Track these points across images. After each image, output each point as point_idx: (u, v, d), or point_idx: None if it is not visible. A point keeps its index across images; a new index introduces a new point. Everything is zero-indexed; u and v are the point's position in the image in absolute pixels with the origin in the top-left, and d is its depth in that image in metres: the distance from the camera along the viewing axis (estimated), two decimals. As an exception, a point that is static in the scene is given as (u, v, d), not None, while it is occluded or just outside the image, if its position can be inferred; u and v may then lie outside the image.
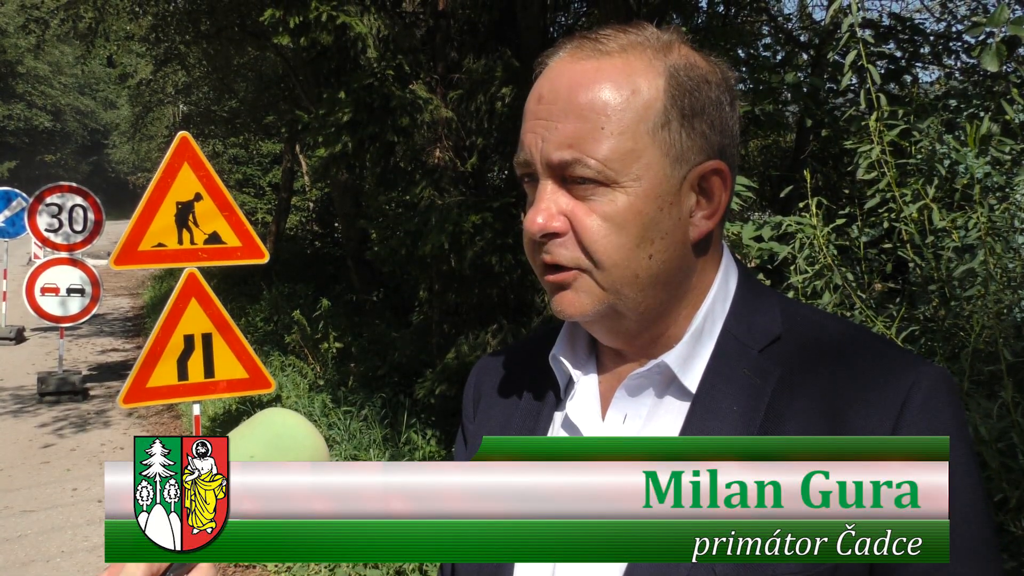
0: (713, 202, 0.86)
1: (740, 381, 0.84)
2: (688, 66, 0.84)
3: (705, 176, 0.85)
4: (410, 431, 6.12)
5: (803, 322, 0.88)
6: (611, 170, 0.80)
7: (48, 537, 5.15)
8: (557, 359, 0.94)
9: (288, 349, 8.92)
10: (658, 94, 0.82)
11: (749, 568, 0.76)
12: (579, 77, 0.82)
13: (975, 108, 3.17)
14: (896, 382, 0.80)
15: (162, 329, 4.99)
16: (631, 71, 0.82)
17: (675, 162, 0.83)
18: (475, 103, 6.19)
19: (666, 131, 0.82)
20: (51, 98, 49.15)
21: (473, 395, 1.08)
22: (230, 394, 5.28)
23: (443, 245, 5.57)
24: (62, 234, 8.74)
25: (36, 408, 8.41)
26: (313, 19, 5.92)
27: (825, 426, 0.79)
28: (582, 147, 0.80)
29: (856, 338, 0.86)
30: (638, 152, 0.81)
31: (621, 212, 0.81)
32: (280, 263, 13.30)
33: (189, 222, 5.03)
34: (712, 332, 0.88)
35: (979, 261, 2.33)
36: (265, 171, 18.94)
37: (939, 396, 0.79)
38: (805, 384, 0.82)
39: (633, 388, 0.88)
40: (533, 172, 0.85)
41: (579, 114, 0.81)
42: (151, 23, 12.25)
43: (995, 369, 2.18)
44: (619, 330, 0.88)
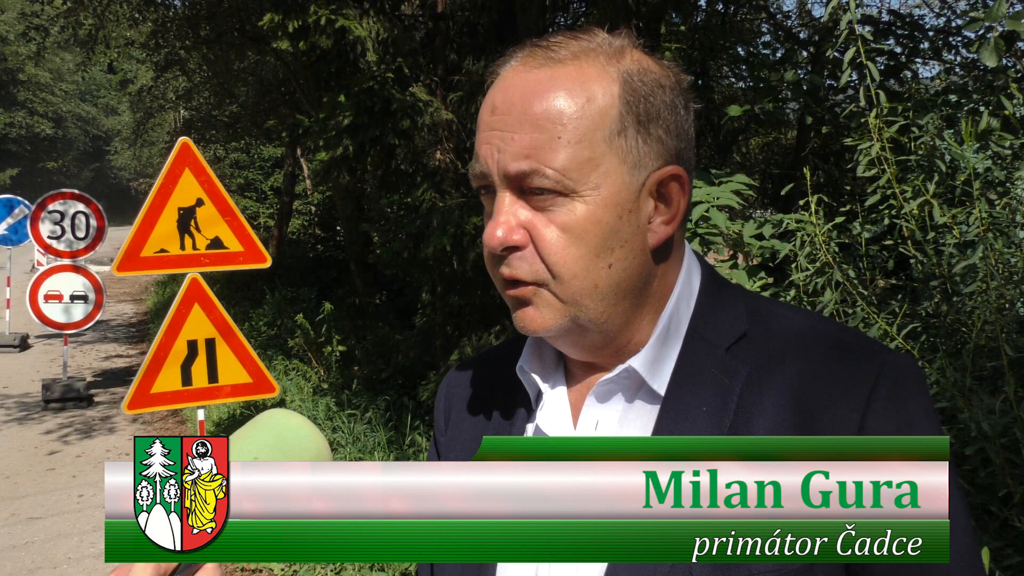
0: (672, 207, 0.85)
1: (708, 381, 0.84)
2: (641, 71, 0.84)
3: (663, 182, 0.84)
4: (415, 433, 6.13)
5: (768, 317, 0.88)
6: (569, 179, 0.80)
7: (55, 544, 5.16)
8: (524, 371, 0.93)
9: (292, 353, 8.92)
10: (613, 100, 0.81)
11: (727, 570, 0.76)
12: (532, 86, 0.81)
13: (975, 103, 3.17)
14: (861, 374, 0.79)
15: (165, 335, 5.00)
16: (585, 78, 0.81)
17: (633, 169, 0.82)
18: (475, 105, 6.18)
19: (623, 138, 0.81)
20: (52, 105, 49.25)
21: (444, 407, 1.07)
22: (234, 399, 5.29)
23: (445, 247, 5.57)
24: (65, 241, 8.75)
25: (41, 415, 8.43)
26: (312, 23, 5.93)
27: (795, 421, 0.79)
28: (539, 157, 0.79)
29: (821, 331, 0.86)
30: (596, 160, 0.80)
31: (580, 222, 0.80)
32: (283, 267, 13.33)
33: (191, 227, 5.04)
34: (678, 332, 0.88)
35: (979, 256, 2.33)
36: (267, 175, 18.97)
37: (905, 385, 0.79)
38: (773, 380, 0.82)
39: (602, 394, 0.88)
40: (490, 184, 0.84)
41: (535, 124, 0.80)
42: (151, 29, 12.27)
43: (997, 365, 2.18)
44: (584, 344, 0.88)
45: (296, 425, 0.82)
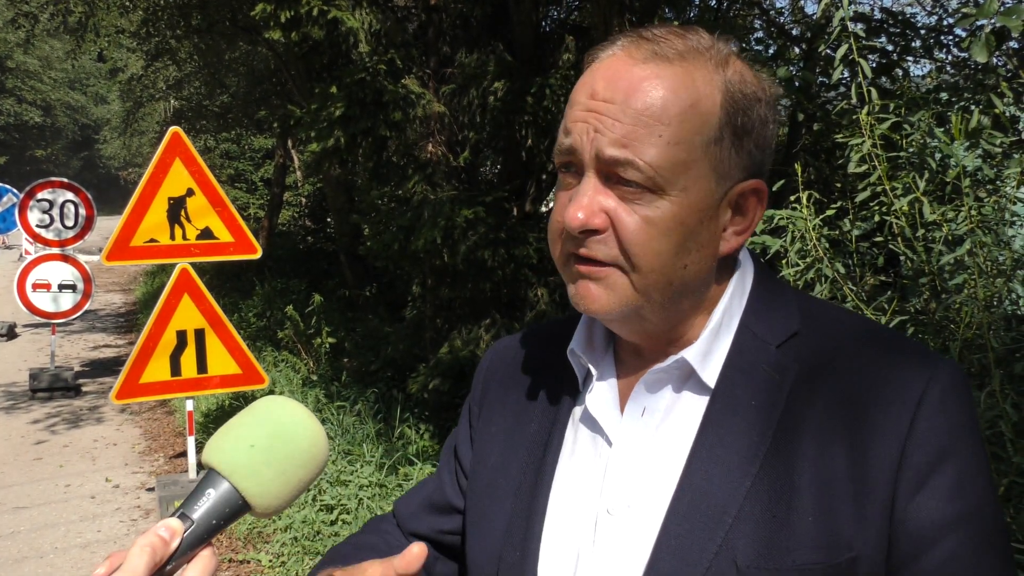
0: (746, 219, 0.87)
1: (759, 376, 0.85)
2: (742, 82, 0.85)
3: (744, 194, 0.86)
4: (403, 426, 6.13)
5: (820, 318, 0.89)
6: (661, 177, 0.80)
7: (41, 534, 5.14)
8: (575, 353, 0.95)
9: (281, 345, 8.90)
10: (715, 109, 0.82)
11: (770, 560, 0.77)
12: (638, 80, 0.81)
13: (966, 101, 3.18)
14: (913, 379, 0.80)
15: (155, 325, 4.98)
16: (692, 81, 0.82)
17: (721, 178, 0.83)
18: (468, 98, 6.18)
19: (718, 147, 0.82)
20: (41, 93, 48.87)
21: (483, 379, 1.09)
22: (223, 389, 5.27)
23: (436, 240, 5.56)
24: (53, 230, 8.70)
25: (28, 404, 8.39)
26: (304, 13, 5.91)
27: (844, 422, 0.80)
28: (636, 150, 0.80)
29: (873, 333, 0.87)
30: (689, 164, 0.81)
31: (665, 219, 0.81)
32: (273, 259, 13.28)
33: (181, 218, 5.02)
34: (730, 328, 0.89)
35: (965, 250, 2.35)
36: (257, 166, 18.86)
37: (955, 393, 0.80)
38: (824, 380, 0.83)
39: (652, 383, 0.89)
40: (575, 162, 0.85)
41: (636, 117, 0.80)
42: (142, 18, 12.18)
43: (982, 358, 2.20)
44: (638, 329, 0.89)
45: (292, 412, 0.81)
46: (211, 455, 0.78)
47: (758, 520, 0.79)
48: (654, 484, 0.85)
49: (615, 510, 0.86)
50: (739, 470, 0.81)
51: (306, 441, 0.80)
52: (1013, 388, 2.15)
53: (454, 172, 6.51)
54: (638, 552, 0.83)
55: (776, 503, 0.79)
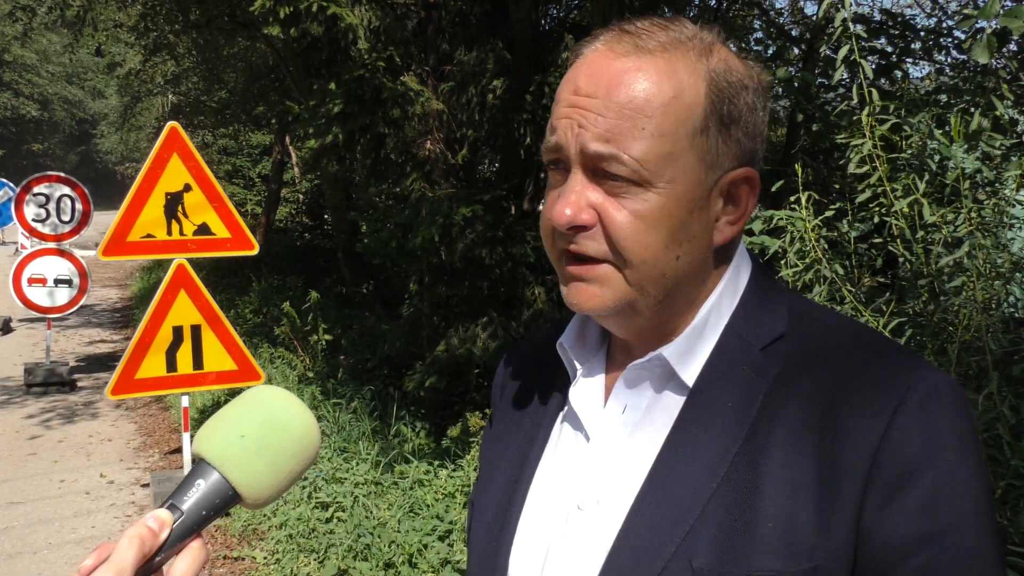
0: (739, 208, 0.86)
1: (738, 377, 0.84)
2: (728, 70, 0.83)
3: (735, 183, 0.85)
4: (400, 423, 6.12)
5: (810, 321, 0.87)
6: (646, 170, 0.80)
7: (35, 529, 5.13)
8: (563, 348, 0.95)
9: (277, 341, 8.89)
10: (699, 99, 0.81)
11: (727, 564, 0.76)
12: (620, 73, 0.81)
13: (965, 103, 3.18)
14: (892, 384, 0.77)
15: (151, 320, 4.97)
16: (673, 72, 0.81)
17: (709, 168, 0.82)
18: (466, 95, 6.17)
19: (704, 137, 0.81)
20: (38, 87, 48.75)
21: (500, 381, 1.10)
22: (219, 386, 5.26)
23: (433, 238, 5.56)
24: (49, 224, 8.68)
25: (23, 399, 8.36)
26: (303, 9, 5.89)
27: (817, 426, 0.78)
28: (620, 144, 0.79)
29: (861, 339, 0.84)
30: (675, 155, 0.80)
31: (653, 212, 0.80)
32: (270, 255, 13.27)
33: (178, 213, 5.00)
34: (716, 328, 0.87)
35: (964, 252, 2.34)
36: (255, 162, 18.85)
37: (938, 401, 0.76)
38: (802, 383, 0.81)
39: (631, 380, 0.89)
40: (561, 159, 0.84)
41: (619, 111, 0.80)
42: (140, 12, 12.15)
43: (981, 360, 2.20)
44: (630, 325, 0.89)
45: (283, 402, 0.80)
46: (201, 445, 0.77)
47: (720, 523, 0.77)
48: (624, 481, 0.84)
49: (585, 505, 0.86)
50: (707, 471, 0.80)
51: (298, 431, 0.79)
52: (1011, 391, 2.15)
53: (452, 170, 6.51)
54: (601, 548, 0.82)
55: (739, 507, 0.77)
